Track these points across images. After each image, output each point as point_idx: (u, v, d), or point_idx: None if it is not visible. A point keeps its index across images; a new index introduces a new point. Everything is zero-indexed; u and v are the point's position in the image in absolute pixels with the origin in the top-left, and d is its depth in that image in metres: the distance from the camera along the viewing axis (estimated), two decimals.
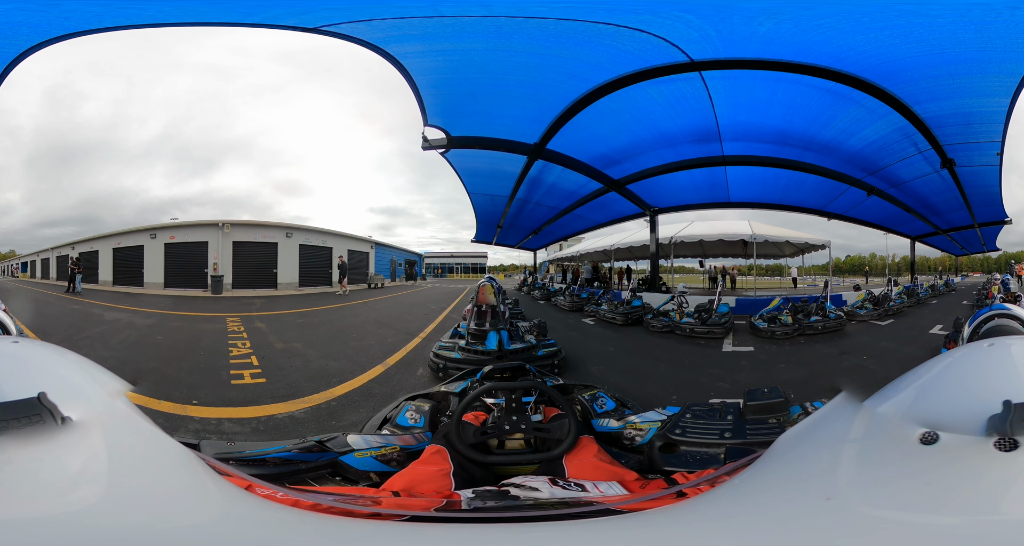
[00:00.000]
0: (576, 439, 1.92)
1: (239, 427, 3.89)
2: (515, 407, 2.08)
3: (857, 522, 0.88)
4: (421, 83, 5.18)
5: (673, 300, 8.73)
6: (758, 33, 4.11)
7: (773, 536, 0.95)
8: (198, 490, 1.14)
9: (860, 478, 0.98)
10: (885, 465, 0.97)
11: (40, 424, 0.98)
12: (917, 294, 11.47)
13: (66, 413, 1.03)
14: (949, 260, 16.06)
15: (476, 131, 6.53)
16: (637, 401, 2.82)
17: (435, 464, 1.79)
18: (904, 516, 0.86)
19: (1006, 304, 1.82)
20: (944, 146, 6.53)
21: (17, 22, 3.62)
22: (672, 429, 1.92)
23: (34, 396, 1.00)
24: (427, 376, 5.22)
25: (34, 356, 1.41)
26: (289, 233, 16.09)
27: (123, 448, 1.12)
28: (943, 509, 0.83)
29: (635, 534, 1.10)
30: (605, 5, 3.76)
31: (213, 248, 14.66)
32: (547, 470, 1.81)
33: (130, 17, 3.75)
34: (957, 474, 0.86)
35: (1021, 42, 4.14)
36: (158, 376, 4.97)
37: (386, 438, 2.10)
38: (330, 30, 4.01)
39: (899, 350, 6.69)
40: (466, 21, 4.01)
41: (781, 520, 0.99)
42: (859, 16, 3.85)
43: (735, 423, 1.84)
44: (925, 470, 0.89)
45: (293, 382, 5.00)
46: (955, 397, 1.05)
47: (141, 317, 8.99)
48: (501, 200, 9.74)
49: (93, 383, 1.33)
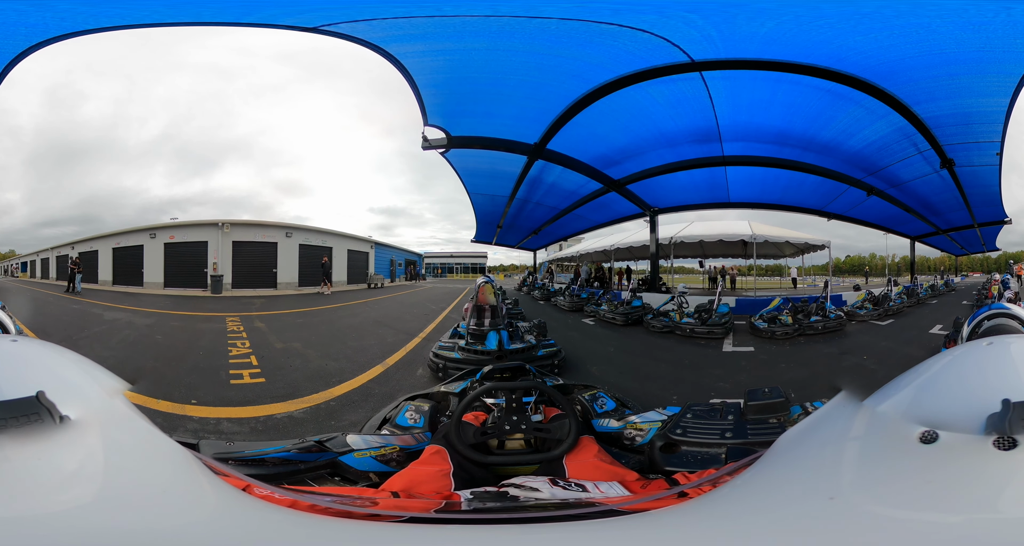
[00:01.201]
0: (577, 439, 1.91)
1: (238, 427, 3.88)
2: (515, 407, 2.07)
3: (861, 520, 0.88)
4: (421, 83, 5.18)
5: (673, 300, 8.73)
6: (759, 33, 4.11)
7: (778, 536, 0.95)
8: (194, 490, 1.14)
9: (862, 477, 0.98)
10: (887, 464, 0.96)
11: (38, 423, 0.98)
12: (917, 294, 11.46)
13: (64, 412, 1.03)
14: (949, 260, 16.05)
15: (476, 131, 6.53)
16: (637, 401, 2.81)
17: (434, 464, 1.78)
18: (906, 514, 0.85)
19: (1005, 303, 1.81)
20: (944, 146, 6.53)
21: (16, 22, 3.61)
22: (673, 429, 1.91)
23: (32, 395, 1.00)
24: (427, 376, 5.20)
25: (33, 354, 1.40)
26: (289, 233, 16.07)
27: (120, 447, 1.12)
28: (944, 507, 0.83)
29: (639, 534, 1.09)
30: (610, 5, 3.76)
31: (213, 248, 14.64)
32: (547, 470, 1.80)
33: (130, 17, 3.75)
34: (957, 472, 0.85)
35: (1020, 42, 4.14)
36: (157, 376, 4.96)
37: (385, 438, 2.09)
38: (329, 30, 4.01)
39: (899, 350, 6.69)
40: (468, 21, 4.00)
41: (785, 519, 0.99)
42: (859, 17, 3.85)
43: (736, 423, 1.83)
44: (925, 468, 0.89)
45: (292, 382, 4.99)
46: (954, 396, 1.04)
47: (140, 317, 8.98)
48: (501, 200, 9.74)
49: (91, 382, 1.33)
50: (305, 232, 16.51)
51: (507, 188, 8.85)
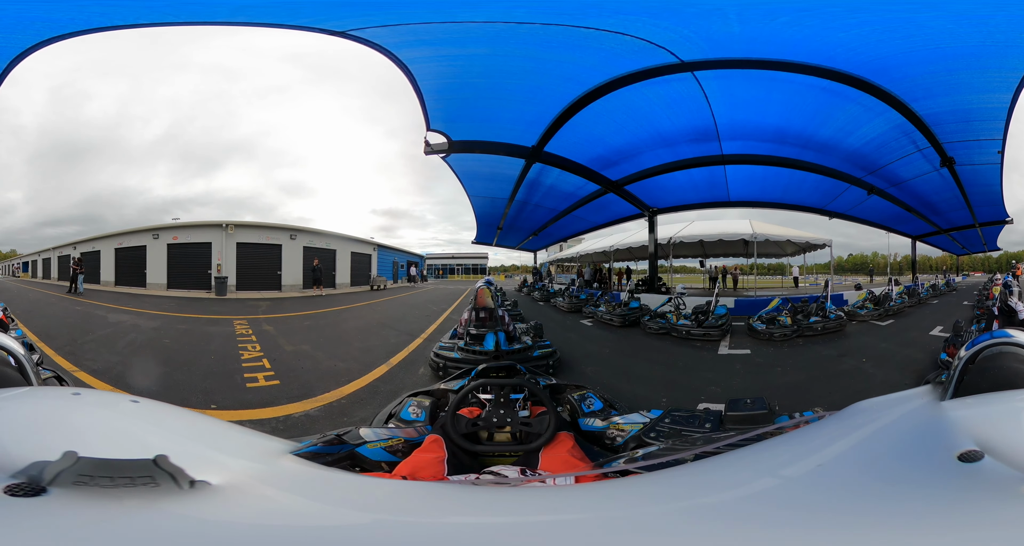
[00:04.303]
0: (554, 434, 2.06)
1: (261, 427, 3.93)
2: (504, 402, 2.26)
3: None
4: (425, 88, 5.25)
5: (671, 301, 8.71)
6: (736, 33, 4.11)
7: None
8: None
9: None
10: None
11: (157, 487, 0.87)
12: (918, 294, 11.39)
13: (199, 477, 0.93)
14: (951, 259, 15.97)
15: (476, 135, 6.59)
16: (627, 404, 2.85)
17: (432, 452, 1.98)
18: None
19: (1008, 331, 1.63)
20: (943, 144, 6.47)
21: (19, 20, 3.66)
22: (648, 432, 1.97)
23: (150, 458, 0.89)
24: (428, 375, 5.36)
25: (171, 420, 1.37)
26: (293, 235, 16.17)
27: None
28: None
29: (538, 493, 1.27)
30: (583, 10, 3.82)
31: (216, 249, 14.72)
32: (524, 462, 1.97)
33: (144, 15, 3.78)
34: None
35: (1022, 36, 4.08)
36: (170, 382, 5.00)
37: (392, 431, 2.25)
38: (355, 34, 4.11)
39: (899, 352, 6.61)
40: (470, 26, 4.08)
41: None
42: (842, 12, 3.81)
43: (712, 431, 1.84)
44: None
45: (306, 383, 5.11)
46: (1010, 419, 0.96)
47: (146, 319, 9.01)
48: (501, 202, 9.79)
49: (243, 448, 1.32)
50: (309, 234, 16.62)
51: (506, 190, 8.89)
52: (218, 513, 0.90)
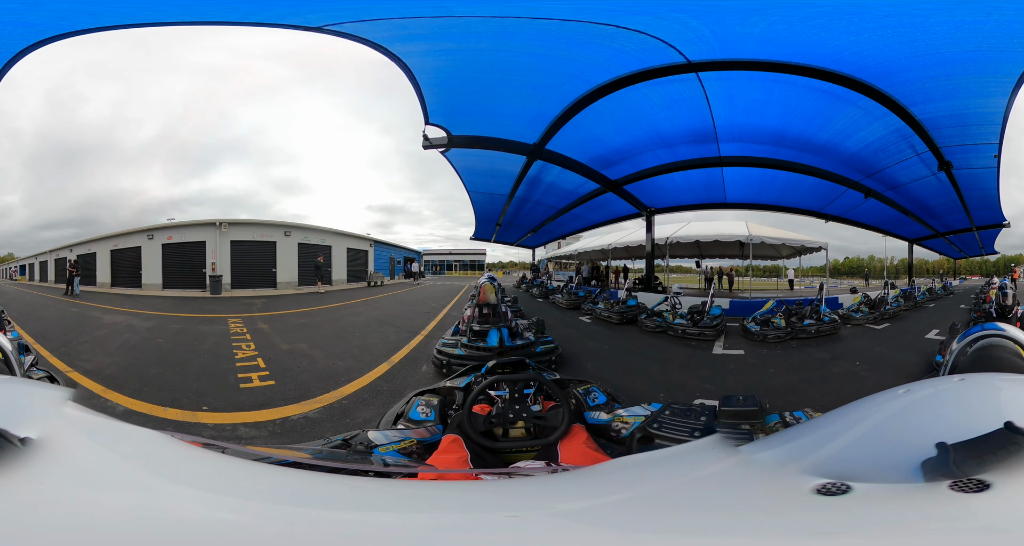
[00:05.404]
0: (569, 427, 2.13)
1: (256, 431, 3.82)
2: (517, 398, 2.31)
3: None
4: (423, 82, 5.20)
5: (667, 301, 8.75)
6: (752, 34, 4.13)
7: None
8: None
9: (738, 522, 0.90)
10: (766, 512, 0.90)
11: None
12: (914, 297, 11.45)
13: (22, 433, 0.87)
14: (948, 263, 16.07)
15: (477, 130, 6.56)
16: (628, 398, 2.87)
17: (454, 452, 2.01)
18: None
19: (999, 324, 1.73)
20: (941, 148, 6.51)
21: (12, 22, 3.61)
22: (651, 424, 2.06)
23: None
24: (431, 372, 5.27)
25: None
26: (288, 232, 16.05)
27: (129, 450, 1.04)
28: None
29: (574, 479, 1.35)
30: (606, 6, 3.80)
31: (211, 248, 14.59)
32: (544, 455, 2.04)
33: (130, 16, 3.75)
34: (886, 524, 0.78)
35: (1017, 41, 4.11)
36: (162, 382, 4.85)
37: (403, 432, 2.22)
38: (333, 29, 4.04)
39: (893, 356, 6.64)
40: (472, 21, 4.04)
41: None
42: (851, 16, 3.84)
43: (706, 424, 1.98)
44: (825, 521, 0.82)
45: (302, 383, 4.95)
46: (870, 446, 1.00)
47: (140, 319, 8.87)
48: (500, 198, 9.77)
49: (36, 400, 1.19)
50: (304, 231, 16.50)
51: (506, 187, 8.88)
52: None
